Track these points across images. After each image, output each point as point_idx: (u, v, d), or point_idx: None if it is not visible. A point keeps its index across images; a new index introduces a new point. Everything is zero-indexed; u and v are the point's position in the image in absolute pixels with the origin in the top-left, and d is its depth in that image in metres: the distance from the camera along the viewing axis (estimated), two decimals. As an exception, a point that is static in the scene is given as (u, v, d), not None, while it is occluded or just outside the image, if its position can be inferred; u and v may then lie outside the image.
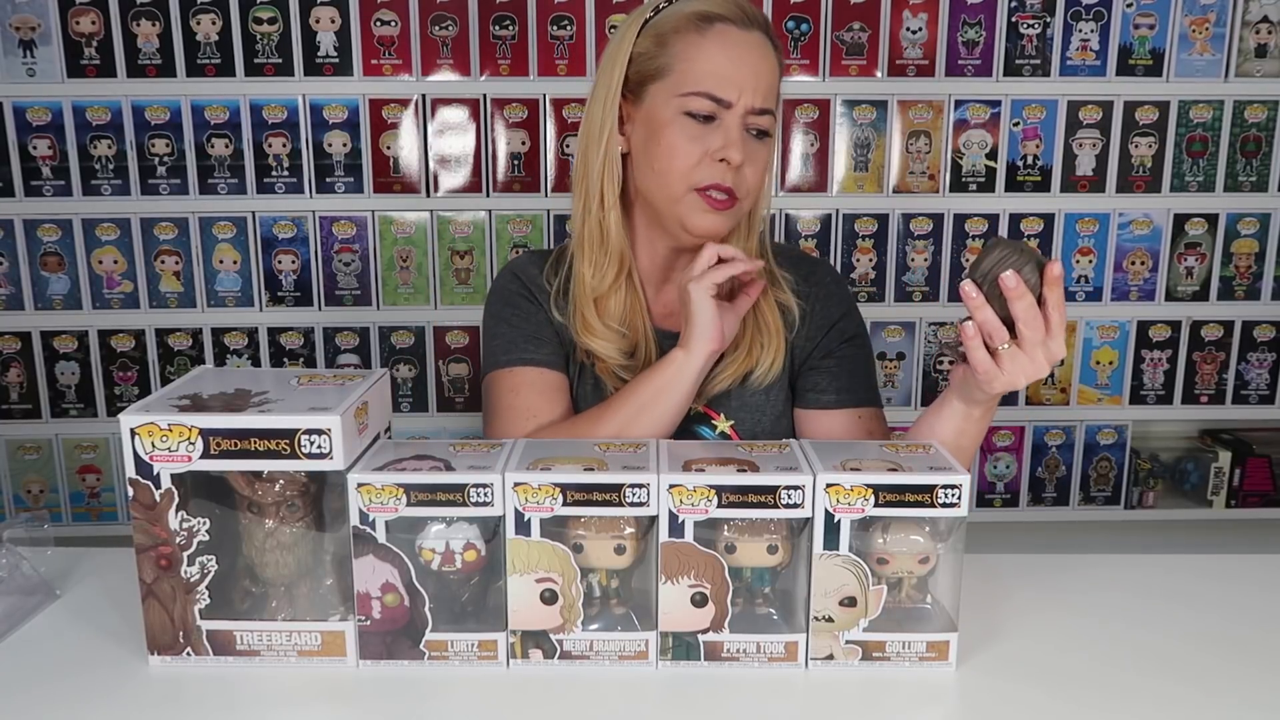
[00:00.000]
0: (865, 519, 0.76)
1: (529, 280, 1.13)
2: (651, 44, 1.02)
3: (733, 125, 0.99)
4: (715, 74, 0.98)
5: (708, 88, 0.98)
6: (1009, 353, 0.85)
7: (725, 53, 0.99)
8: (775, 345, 1.08)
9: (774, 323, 1.09)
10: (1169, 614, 0.89)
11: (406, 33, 1.96)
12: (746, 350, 1.08)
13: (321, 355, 2.09)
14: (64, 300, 2.04)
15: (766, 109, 1.01)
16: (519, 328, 1.10)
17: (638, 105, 1.04)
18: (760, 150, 1.02)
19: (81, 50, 1.94)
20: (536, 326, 1.10)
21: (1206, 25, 2.02)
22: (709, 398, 1.08)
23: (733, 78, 0.98)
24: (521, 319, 1.11)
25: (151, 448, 0.75)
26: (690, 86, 0.99)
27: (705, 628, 0.79)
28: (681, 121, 1.00)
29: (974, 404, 0.94)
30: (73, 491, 2.12)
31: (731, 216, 1.03)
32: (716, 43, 0.99)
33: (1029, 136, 2.06)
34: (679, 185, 1.01)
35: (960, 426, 0.95)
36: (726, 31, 0.99)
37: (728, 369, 1.07)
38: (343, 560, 0.79)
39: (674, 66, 1.00)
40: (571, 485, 0.76)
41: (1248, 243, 2.12)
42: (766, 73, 1.01)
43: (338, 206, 2.03)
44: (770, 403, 1.10)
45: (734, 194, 1.00)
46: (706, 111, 0.99)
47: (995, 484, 2.21)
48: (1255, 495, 2.21)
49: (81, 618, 0.88)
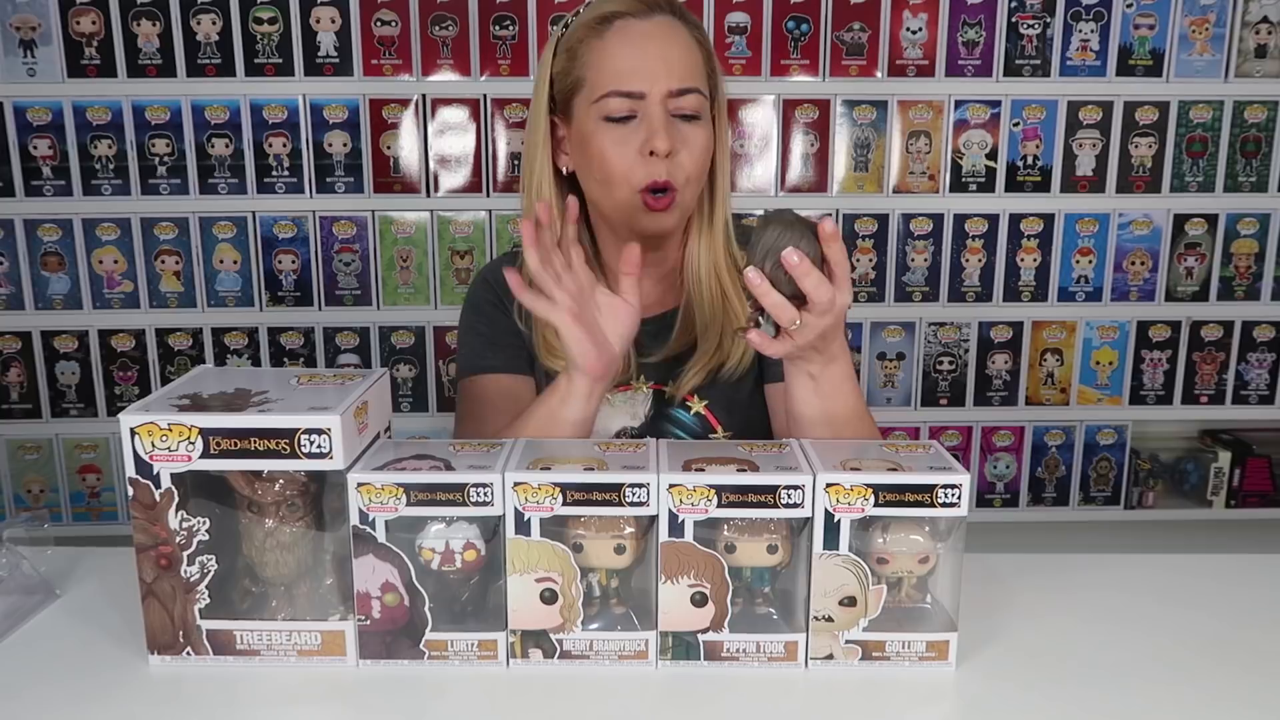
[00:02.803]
0: (865, 519, 0.76)
1: (497, 284, 1.14)
2: (565, 60, 1.02)
3: (654, 115, 0.97)
4: (619, 70, 0.98)
5: (615, 85, 0.98)
6: (799, 328, 0.84)
7: (626, 47, 0.98)
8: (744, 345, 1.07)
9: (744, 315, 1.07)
10: (1168, 614, 0.89)
11: (407, 33, 1.96)
12: (716, 345, 1.07)
13: (321, 355, 2.09)
14: (64, 300, 2.04)
15: (686, 88, 0.98)
16: (483, 334, 1.13)
17: (569, 124, 1.03)
18: (694, 134, 1.00)
19: (82, 50, 1.94)
20: (498, 333, 1.11)
21: (1206, 26, 2.02)
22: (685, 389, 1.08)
23: (638, 69, 0.97)
24: (486, 325, 1.13)
25: (151, 447, 0.75)
26: (601, 90, 0.98)
27: (705, 627, 0.79)
28: (603, 128, 0.99)
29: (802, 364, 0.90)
30: (73, 491, 2.12)
31: (675, 211, 1.01)
32: (616, 40, 0.99)
33: (1029, 137, 2.06)
34: (622, 190, 1.00)
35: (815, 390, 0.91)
36: (625, 26, 0.99)
37: (699, 362, 1.07)
38: (343, 560, 0.79)
39: (585, 76, 1.00)
40: (571, 485, 0.76)
41: (1247, 243, 2.12)
42: (679, 54, 0.99)
43: (338, 206, 2.03)
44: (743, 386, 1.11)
45: (670, 185, 0.99)
46: (623, 111, 0.98)
47: (995, 484, 2.21)
48: (1255, 495, 2.21)
49: (81, 617, 0.88)
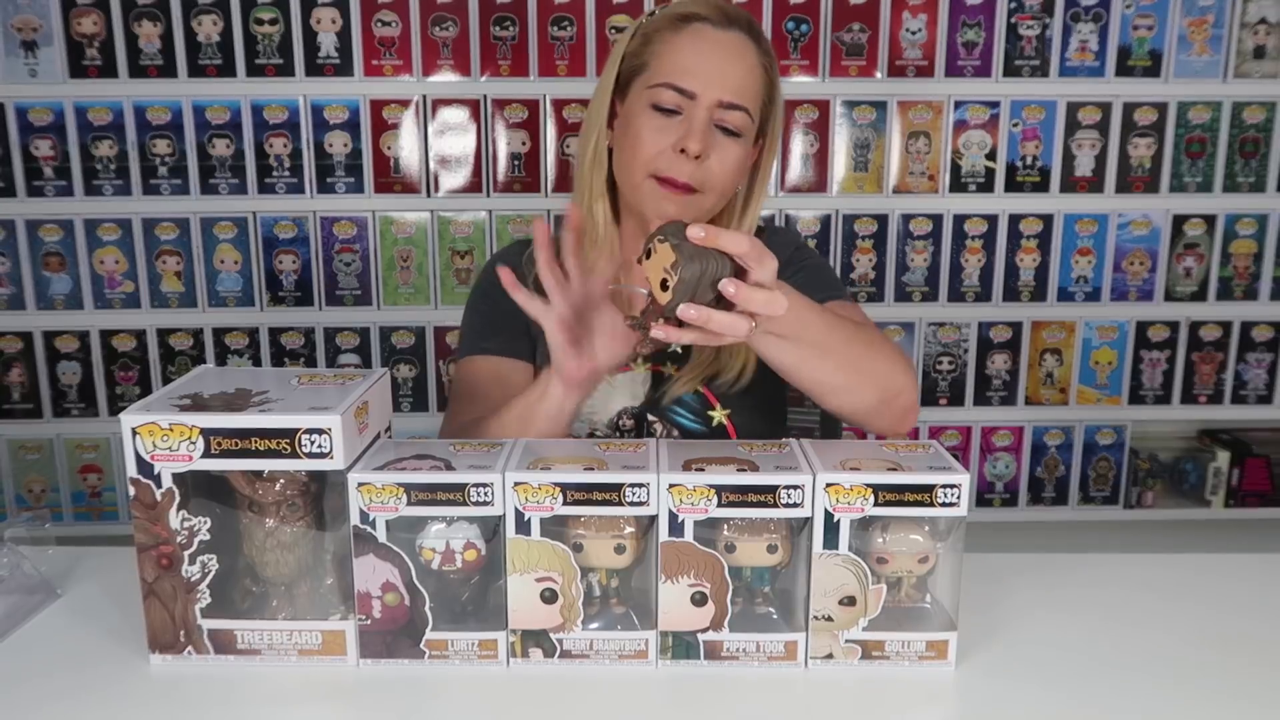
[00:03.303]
0: (865, 518, 0.77)
1: None
2: (639, 43, 1.05)
3: (697, 118, 1.00)
4: (681, 67, 1.01)
5: (672, 79, 1.00)
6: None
7: (695, 47, 1.01)
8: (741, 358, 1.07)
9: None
10: (1168, 613, 0.89)
11: (407, 33, 1.97)
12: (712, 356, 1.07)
13: (322, 355, 2.09)
14: (65, 300, 2.04)
15: (736, 104, 1.00)
16: (483, 315, 1.15)
17: (623, 102, 1.07)
18: (730, 147, 1.02)
19: (83, 51, 1.95)
20: (499, 315, 1.11)
21: (1205, 26, 2.02)
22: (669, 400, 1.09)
23: (698, 70, 1.00)
24: (488, 307, 1.14)
25: (152, 447, 0.75)
26: (658, 79, 1.01)
27: (705, 627, 0.79)
28: (649, 114, 1.02)
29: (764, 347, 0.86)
30: (74, 491, 2.12)
31: (689, 206, 1.02)
32: (689, 39, 1.02)
33: (1028, 137, 2.06)
34: (639, 173, 1.02)
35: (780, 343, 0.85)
36: (702, 30, 1.02)
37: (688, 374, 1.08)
38: (343, 559, 0.79)
39: (650, 63, 1.03)
40: (571, 485, 0.76)
41: (1246, 243, 2.13)
42: (740, 69, 1.01)
43: (338, 207, 2.03)
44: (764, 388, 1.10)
45: (690, 187, 1.00)
46: (671, 104, 1.00)
47: (995, 484, 2.21)
48: (1254, 495, 2.22)
49: (82, 617, 0.88)
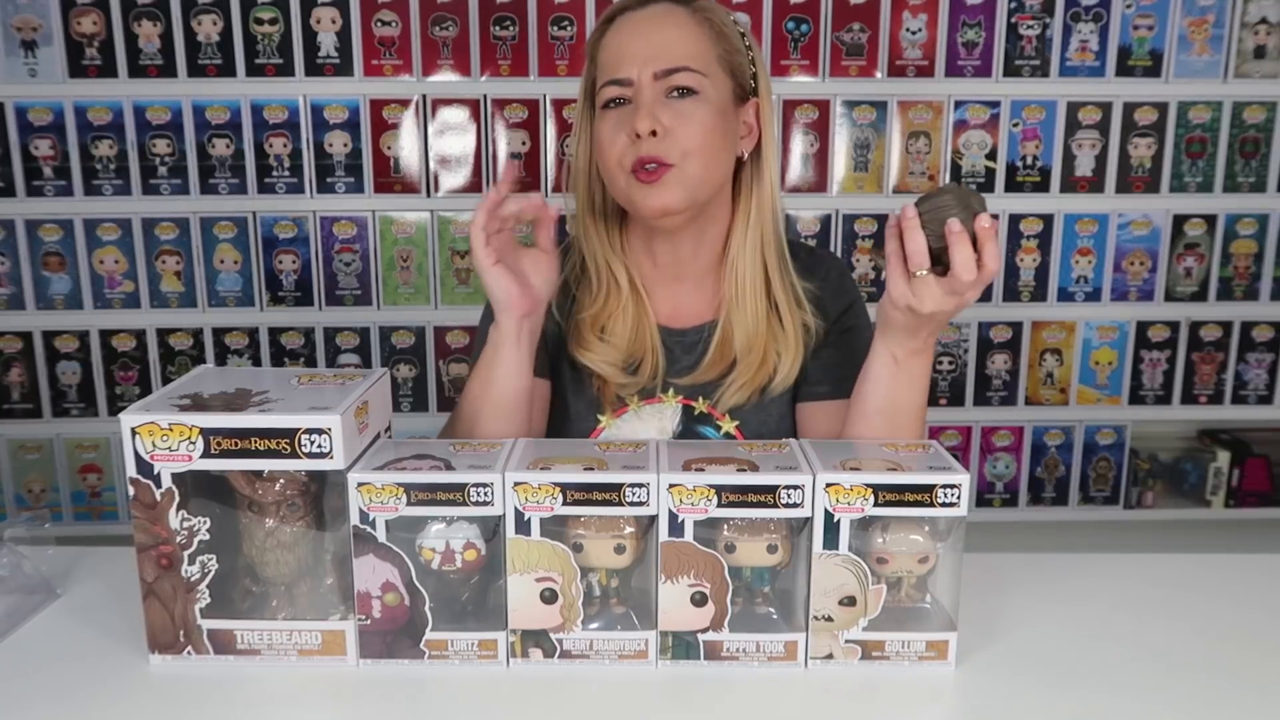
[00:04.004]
0: (865, 518, 0.77)
1: None
2: (588, 64, 1.06)
3: (640, 98, 0.98)
4: (613, 59, 1.00)
5: (607, 74, 1.01)
6: (921, 279, 0.85)
7: (620, 37, 1.01)
8: (793, 355, 1.05)
9: (794, 333, 1.05)
10: (1168, 613, 0.89)
11: (407, 33, 1.96)
12: (760, 360, 1.05)
13: (322, 355, 2.09)
14: (65, 300, 2.04)
15: (674, 68, 0.98)
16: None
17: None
18: (691, 108, 0.98)
19: (83, 50, 1.95)
20: None
21: (1205, 26, 2.02)
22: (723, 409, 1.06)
23: (627, 55, 0.99)
24: None
25: (152, 447, 0.75)
26: (600, 82, 1.02)
27: (705, 627, 0.79)
28: (603, 115, 1.01)
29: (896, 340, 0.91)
30: (74, 491, 2.12)
31: (672, 185, 0.98)
32: (614, 33, 1.02)
33: (1028, 137, 2.06)
34: (618, 175, 1.00)
35: (891, 374, 0.93)
36: (625, 19, 1.02)
37: (739, 379, 1.04)
38: (343, 559, 0.79)
39: (596, 74, 1.04)
40: (571, 485, 0.76)
41: (1246, 243, 2.12)
42: (669, 34, 1.00)
43: (338, 206, 2.03)
44: (777, 404, 1.08)
45: (659, 160, 0.97)
46: (613, 96, 1.00)
47: (995, 484, 2.21)
48: (1254, 495, 2.22)
49: (82, 617, 0.88)
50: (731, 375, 1.05)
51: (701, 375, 1.06)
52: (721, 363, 1.06)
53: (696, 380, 1.07)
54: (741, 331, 1.05)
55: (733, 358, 1.06)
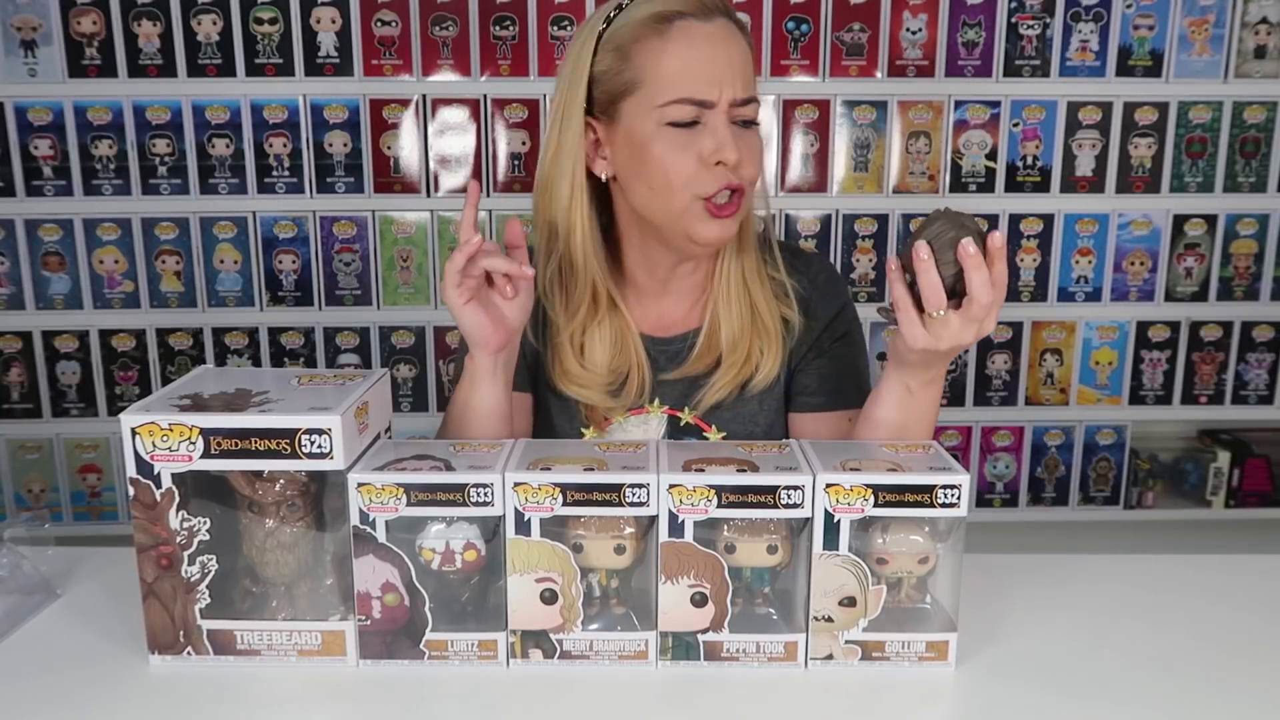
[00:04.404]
0: (865, 519, 0.77)
1: None
2: (613, 59, 0.96)
3: (720, 124, 0.94)
4: (689, 76, 0.93)
5: (686, 93, 0.93)
6: (940, 319, 0.83)
7: (693, 51, 0.94)
8: (774, 350, 1.05)
9: (773, 327, 1.05)
10: (1168, 614, 0.89)
11: (407, 33, 1.96)
12: (745, 356, 1.05)
13: (322, 355, 2.09)
14: (65, 300, 2.04)
15: (749, 98, 0.96)
16: None
17: (613, 126, 0.98)
18: (753, 140, 0.97)
19: (83, 50, 1.94)
20: None
21: (1206, 26, 2.02)
22: (705, 407, 1.06)
23: (708, 75, 0.93)
24: None
25: (152, 447, 0.75)
26: (667, 95, 0.93)
27: (705, 627, 0.79)
28: (665, 133, 0.94)
29: (911, 374, 0.91)
30: (73, 491, 2.12)
31: (736, 218, 0.98)
32: (681, 42, 0.94)
33: (1029, 137, 2.06)
34: (681, 198, 0.95)
35: (903, 403, 0.92)
36: (688, 28, 0.94)
37: (725, 375, 1.05)
38: (343, 560, 0.79)
39: (643, 79, 0.95)
40: (571, 485, 0.76)
41: (1247, 243, 2.12)
42: (740, 60, 0.95)
43: (338, 206, 2.03)
44: (764, 410, 1.08)
45: (741, 189, 0.96)
46: (690, 117, 0.94)
47: (995, 484, 2.21)
48: (1254, 495, 2.22)
49: (82, 617, 0.88)
50: (716, 373, 1.05)
51: (689, 369, 1.07)
52: (708, 357, 1.06)
53: (685, 374, 1.07)
54: (728, 328, 1.05)
55: (717, 359, 1.06)
